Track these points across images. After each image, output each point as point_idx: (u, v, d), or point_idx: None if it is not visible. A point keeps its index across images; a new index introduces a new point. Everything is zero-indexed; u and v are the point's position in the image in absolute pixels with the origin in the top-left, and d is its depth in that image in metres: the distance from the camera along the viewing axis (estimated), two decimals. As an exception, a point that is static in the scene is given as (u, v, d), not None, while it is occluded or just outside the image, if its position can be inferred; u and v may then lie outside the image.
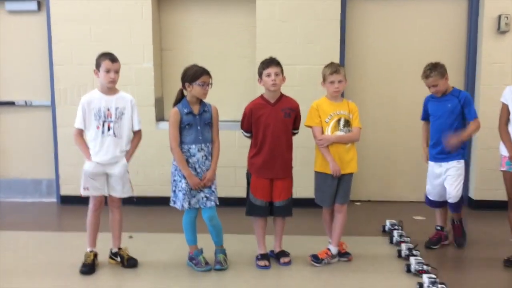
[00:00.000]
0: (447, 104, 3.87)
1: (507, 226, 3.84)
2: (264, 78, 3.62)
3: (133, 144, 3.71)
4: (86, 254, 3.65)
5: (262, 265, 3.71)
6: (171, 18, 5.37)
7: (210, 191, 3.61)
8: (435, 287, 3.21)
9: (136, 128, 3.69)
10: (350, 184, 3.78)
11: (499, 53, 4.92)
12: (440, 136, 3.89)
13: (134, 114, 3.67)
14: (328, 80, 3.64)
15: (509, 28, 4.90)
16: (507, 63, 4.64)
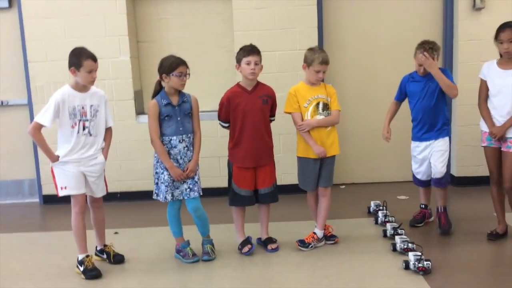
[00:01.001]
0: (429, 83, 3.83)
1: (489, 201, 3.90)
2: (243, 65, 3.59)
3: (107, 141, 3.62)
4: (84, 260, 3.46)
5: (247, 250, 3.72)
6: (146, 9, 5.30)
7: (193, 181, 3.59)
8: (420, 264, 3.25)
9: (109, 125, 3.62)
10: (333, 167, 3.80)
11: (475, 30, 4.95)
12: (424, 116, 3.88)
13: (108, 110, 3.59)
14: (314, 68, 3.62)
15: (484, 4, 4.93)
16: (484, 39, 4.66)
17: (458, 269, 3.38)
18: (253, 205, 3.78)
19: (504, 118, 3.65)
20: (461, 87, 4.82)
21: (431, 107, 3.85)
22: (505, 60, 3.65)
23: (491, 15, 4.87)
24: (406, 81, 4.02)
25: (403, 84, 4.04)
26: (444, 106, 3.90)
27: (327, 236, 3.88)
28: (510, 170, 3.65)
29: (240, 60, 3.60)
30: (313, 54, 3.63)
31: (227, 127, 3.76)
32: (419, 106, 3.91)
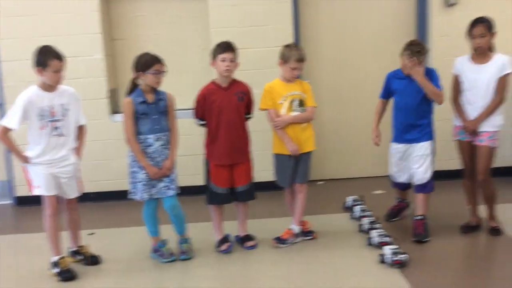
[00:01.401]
0: (413, 82, 3.67)
1: (463, 194, 3.96)
2: (218, 62, 3.57)
3: (81, 140, 3.56)
4: (58, 262, 3.40)
5: (225, 248, 3.71)
6: (120, 7, 5.23)
7: (170, 180, 3.56)
8: (396, 258, 3.29)
9: (82, 123, 3.55)
10: (309, 163, 3.81)
11: (448, 26, 5.01)
12: (407, 115, 3.75)
13: (79, 109, 3.52)
14: (290, 65, 3.61)
15: (457, 1, 4.99)
16: (456, 35, 4.69)
17: (433, 262, 3.42)
18: (230, 203, 3.76)
19: (477, 112, 3.70)
20: (435, 83, 4.93)
21: (415, 106, 3.72)
22: (477, 55, 3.70)
23: (464, 11, 4.92)
24: (390, 78, 3.89)
25: (388, 81, 3.91)
26: (428, 107, 3.76)
27: (304, 232, 3.89)
28: (482, 163, 3.71)
29: (215, 57, 3.58)
30: (290, 51, 3.63)
31: (203, 125, 3.73)
32: (402, 104, 3.79)
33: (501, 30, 3.76)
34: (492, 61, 3.65)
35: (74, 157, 3.49)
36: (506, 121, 3.89)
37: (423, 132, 3.75)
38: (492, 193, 3.80)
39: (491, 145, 3.70)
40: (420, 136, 3.74)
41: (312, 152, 3.81)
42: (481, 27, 3.59)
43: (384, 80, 3.94)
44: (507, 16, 4.93)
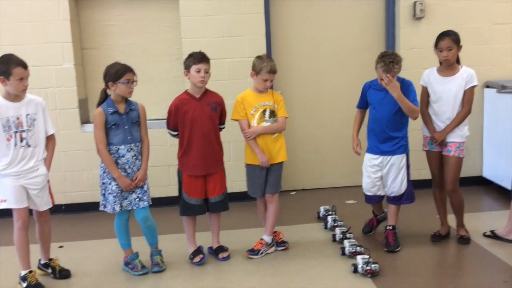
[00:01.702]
0: (390, 95, 3.62)
1: (432, 203, 4.04)
2: (192, 72, 3.55)
3: (50, 151, 3.47)
4: (27, 276, 3.31)
5: (198, 260, 3.68)
6: (90, 15, 5.17)
7: (143, 191, 3.52)
8: (368, 267, 3.33)
9: (50, 133, 3.47)
10: (280, 174, 3.82)
11: (416, 39, 5.13)
12: (383, 127, 3.72)
13: (47, 118, 3.44)
14: (262, 76, 3.64)
15: (424, 14, 5.12)
16: (424, 48, 4.84)
17: (405, 271, 3.48)
18: (204, 214, 3.75)
19: (445, 123, 3.78)
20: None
21: (391, 119, 3.69)
22: (444, 67, 3.79)
23: (430, 25, 5.08)
24: (367, 88, 3.85)
25: (364, 91, 3.87)
26: (404, 119, 3.73)
27: (277, 242, 3.90)
28: (451, 173, 3.80)
29: (189, 67, 3.56)
30: (261, 62, 3.65)
31: (176, 136, 3.71)
32: (378, 116, 3.75)
33: (466, 43, 3.86)
34: (458, 73, 3.75)
35: (44, 168, 3.41)
36: (471, 132, 4.01)
37: (399, 144, 3.73)
38: (460, 202, 3.88)
39: (458, 156, 3.79)
40: (395, 148, 3.73)
41: (283, 163, 3.83)
42: (448, 40, 3.69)
43: (361, 90, 3.90)
44: (471, 29, 5.09)
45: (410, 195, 3.83)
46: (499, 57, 5.24)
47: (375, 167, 3.79)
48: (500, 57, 5.24)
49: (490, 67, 5.20)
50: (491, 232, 3.92)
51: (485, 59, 5.18)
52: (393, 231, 3.84)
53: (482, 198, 5.07)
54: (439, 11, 5.14)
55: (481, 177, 5.38)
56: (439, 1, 5.13)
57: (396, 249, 3.76)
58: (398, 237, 3.85)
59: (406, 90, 3.65)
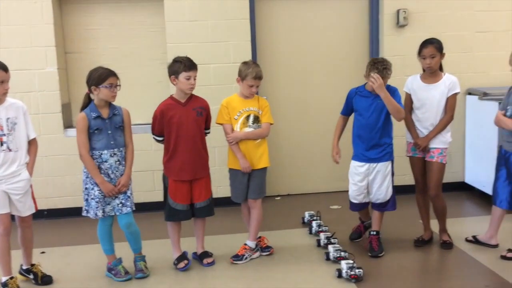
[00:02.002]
0: (377, 100, 3.66)
1: (415, 208, 4.08)
2: (182, 79, 3.53)
3: (32, 155, 3.42)
4: (8, 282, 3.28)
5: (183, 266, 3.66)
6: (74, 19, 5.13)
7: (126, 196, 3.49)
8: (353, 272, 3.34)
9: (32, 137, 3.42)
10: (263, 179, 3.81)
11: (399, 46, 5.19)
12: (369, 134, 3.71)
13: (28, 122, 3.40)
14: (248, 82, 3.64)
15: (407, 22, 5.19)
16: (407, 55, 4.90)
17: (388, 276, 3.50)
18: (189, 219, 3.73)
19: (428, 129, 3.83)
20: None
21: (378, 125, 3.70)
22: (427, 74, 3.84)
23: (414, 32, 5.14)
24: (353, 95, 3.82)
25: (350, 98, 3.85)
26: (390, 126, 3.77)
27: (262, 247, 3.90)
28: (433, 179, 3.84)
29: (177, 73, 3.53)
30: (247, 68, 3.66)
31: (161, 141, 3.69)
32: (365, 122, 3.73)
33: (448, 51, 3.92)
34: (441, 80, 3.80)
35: (26, 173, 3.36)
36: (454, 138, 4.06)
37: (385, 151, 3.74)
38: (443, 207, 3.92)
39: (441, 161, 3.83)
40: (381, 155, 3.73)
41: (266, 169, 3.83)
42: (431, 48, 3.73)
43: (346, 97, 3.89)
44: (454, 37, 5.16)
45: (394, 202, 3.86)
46: (481, 64, 5.32)
47: (361, 174, 3.79)
48: (482, 64, 5.33)
49: (472, 74, 5.29)
50: (473, 237, 3.97)
51: (467, 66, 5.27)
52: (377, 236, 3.86)
53: (464, 204, 5.14)
54: (422, 19, 5.21)
55: (463, 182, 5.45)
56: (422, 9, 5.21)
57: (380, 254, 3.78)
58: (382, 242, 3.87)
59: (392, 95, 3.66)
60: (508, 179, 3.65)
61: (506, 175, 3.66)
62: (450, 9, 5.24)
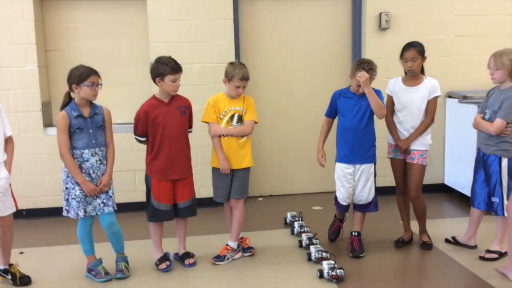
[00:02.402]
0: (361, 101, 3.72)
1: (396, 209, 4.12)
2: (167, 81, 3.50)
3: (9, 152, 3.37)
4: None
5: (164, 267, 3.64)
6: (55, 17, 5.06)
7: (108, 196, 3.45)
8: (334, 272, 3.36)
9: (8, 135, 3.37)
10: (246, 179, 3.81)
11: (381, 49, 5.24)
12: (353, 135, 3.74)
13: (4, 120, 3.34)
14: (234, 83, 3.64)
15: (389, 25, 5.24)
16: (389, 57, 4.94)
17: (369, 276, 3.53)
18: (172, 219, 3.71)
19: (409, 132, 3.87)
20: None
21: (361, 126, 3.73)
22: (409, 77, 3.89)
23: (395, 35, 5.20)
24: (337, 97, 3.85)
25: (334, 100, 3.87)
26: (373, 128, 3.80)
27: (244, 248, 3.90)
28: (414, 180, 3.88)
29: (163, 75, 3.50)
30: (234, 69, 3.65)
31: (144, 142, 3.66)
32: (349, 124, 3.76)
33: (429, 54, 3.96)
34: (423, 83, 3.85)
35: (5, 171, 3.30)
36: (434, 140, 4.11)
37: (369, 153, 3.78)
38: (422, 209, 3.97)
39: (421, 163, 3.88)
40: (366, 157, 3.77)
41: (249, 169, 3.82)
42: (413, 51, 3.78)
43: (330, 98, 3.90)
44: (435, 41, 5.23)
45: (376, 203, 3.89)
46: (461, 68, 5.41)
47: (348, 175, 3.81)
48: (462, 68, 5.41)
49: (452, 77, 5.37)
50: (452, 238, 4.03)
51: (447, 70, 5.34)
52: (359, 237, 3.89)
53: (444, 205, 5.21)
54: (404, 22, 5.27)
55: (443, 184, 5.53)
56: (404, 12, 5.27)
57: (361, 255, 3.81)
58: (363, 242, 3.90)
59: None
60: (485, 181, 3.71)
61: (484, 177, 3.72)
62: (431, 13, 5.31)
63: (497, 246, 3.74)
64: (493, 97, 3.62)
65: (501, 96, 3.52)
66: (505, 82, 3.54)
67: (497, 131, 3.52)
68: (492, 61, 3.55)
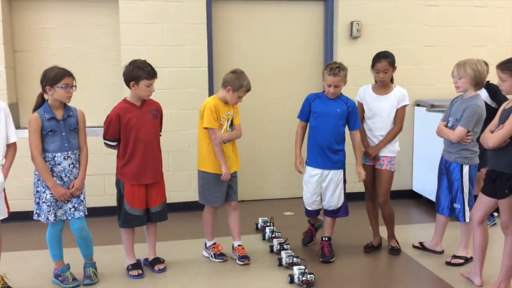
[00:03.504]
0: (336, 108, 3.76)
1: (366, 215, 4.18)
2: (142, 86, 3.48)
3: (9, 158, 3.26)
4: None
5: (135, 274, 3.59)
6: (25, 17, 4.95)
7: (79, 200, 3.39)
8: (304, 278, 3.39)
9: (12, 141, 3.25)
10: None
11: (352, 57, 5.32)
12: (325, 140, 3.77)
13: (9, 124, 3.24)
14: (239, 94, 3.72)
15: (360, 34, 5.34)
16: (360, 65, 5.03)
17: (339, 281, 3.57)
18: (145, 224, 3.67)
19: (378, 139, 3.94)
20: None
21: (333, 131, 3.77)
22: (379, 86, 3.96)
23: (366, 44, 5.29)
24: (312, 99, 3.86)
25: (308, 102, 3.86)
26: (343, 134, 3.82)
27: (216, 254, 3.88)
28: (382, 186, 3.95)
29: (138, 80, 3.46)
30: (242, 80, 3.69)
31: (114, 146, 3.60)
32: (321, 128, 3.79)
33: (399, 63, 4.03)
34: (392, 92, 3.93)
35: (1, 175, 3.19)
36: (402, 147, 4.19)
37: (338, 158, 3.81)
38: (391, 214, 4.05)
39: (390, 169, 3.96)
40: (335, 162, 3.80)
41: None
42: (385, 63, 3.83)
43: (304, 101, 3.90)
44: (404, 50, 5.35)
45: (346, 208, 3.94)
46: (429, 77, 5.55)
47: (314, 177, 3.84)
48: (430, 77, 5.55)
49: (421, 86, 5.50)
50: (419, 243, 4.11)
51: (416, 79, 5.47)
52: (329, 242, 3.93)
53: (411, 211, 5.31)
54: (375, 32, 5.38)
55: (411, 190, 5.64)
56: (374, 22, 5.37)
57: (331, 260, 3.85)
58: (333, 248, 3.94)
59: (353, 111, 3.80)
60: (449, 188, 3.80)
61: (447, 184, 3.81)
62: (401, 23, 5.43)
63: (463, 252, 3.83)
64: (456, 106, 3.71)
65: (463, 105, 3.62)
66: (468, 91, 3.63)
67: (458, 138, 3.61)
68: (455, 70, 3.64)
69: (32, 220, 3.41)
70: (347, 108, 3.77)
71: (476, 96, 3.62)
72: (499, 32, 5.63)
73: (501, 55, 3.32)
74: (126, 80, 3.52)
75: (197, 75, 5.04)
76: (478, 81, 3.58)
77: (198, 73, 5.05)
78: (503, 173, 3.13)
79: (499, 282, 3.24)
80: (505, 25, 5.65)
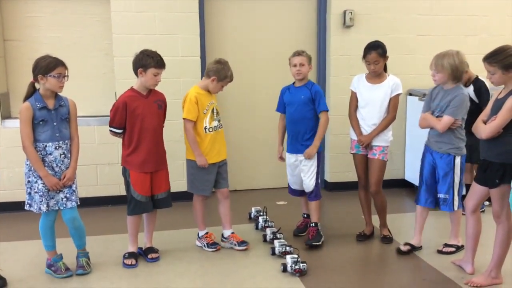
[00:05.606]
0: (301, 95, 3.90)
1: (358, 204, 4.20)
2: (149, 74, 3.51)
3: None
4: None
5: (129, 263, 3.60)
6: (15, 6, 4.89)
7: (71, 190, 3.38)
8: (297, 266, 3.41)
9: None
10: None
11: (345, 46, 5.31)
12: (293, 127, 3.94)
13: None
14: (223, 83, 3.77)
15: (353, 23, 5.31)
16: (353, 55, 5.03)
17: (332, 269, 3.59)
18: (151, 211, 3.70)
19: (371, 128, 3.95)
20: (334, 99, 5.21)
21: (299, 118, 3.90)
22: (372, 75, 3.96)
23: (359, 33, 5.27)
24: (283, 92, 4.06)
25: (281, 94, 4.08)
26: (311, 120, 3.90)
27: (208, 243, 3.89)
28: (375, 175, 3.97)
29: (146, 67, 3.49)
30: (226, 70, 3.74)
31: (119, 134, 3.61)
32: (290, 116, 3.97)
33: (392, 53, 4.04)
34: (385, 81, 3.92)
35: None
36: (395, 137, 4.21)
37: (309, 143, 3.89)
38: (383, 203, 4.06)
39: (382, 159, 3.97)
40: (304, 147, 3.90)
41: None
42: (375, 54, 3.82)
43: (279, 95, 4.10)
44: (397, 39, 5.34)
45: (317, 192, 4.00)
46: (422, 66, 5.47)
47: (292, 165, 4.01)
48: (423, 66, 5.44)
49: (413, 76, 5.48)
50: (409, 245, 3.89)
51: (409, 68, 5.46)
52: (316, 228, 3.96)
53: (404, 200, 5.34)
54: (368, 21, 5.35)
55: (403, 179, 5.66)
56: (367, 11, 5.35)
57: (315, 243, 3.88)
58: (322, 233, 3.97)
59: (316, 96, 3.88)
60: (436, 179, 3.74)
61: (435, 175, 3.74)
62: (394, 12, 5.42)
63: (455, 240, 3.86)
64: (439, 97, 3.62)
65: (449, 96, 3.54)
66: (447, 83, 3.57)
67: (444, 128, 3.55)
68: (433, 64, 3.56)
69: (23, 210, 3.40)
70: (310, 93, 3.88)
71: (460, 86, 3.59)
72: (491, 22, 5.63)
73: (493, 44, 3.29)
74: (134, 67, 3.54)
75: (189, 64, 5.01)
76: (456, 75, 3.50)
77: (190, 63, 5.03)
78: (493, 162, 3.14)
79: (490, 270, 3.28)
80: (498, 14, 5.65)
